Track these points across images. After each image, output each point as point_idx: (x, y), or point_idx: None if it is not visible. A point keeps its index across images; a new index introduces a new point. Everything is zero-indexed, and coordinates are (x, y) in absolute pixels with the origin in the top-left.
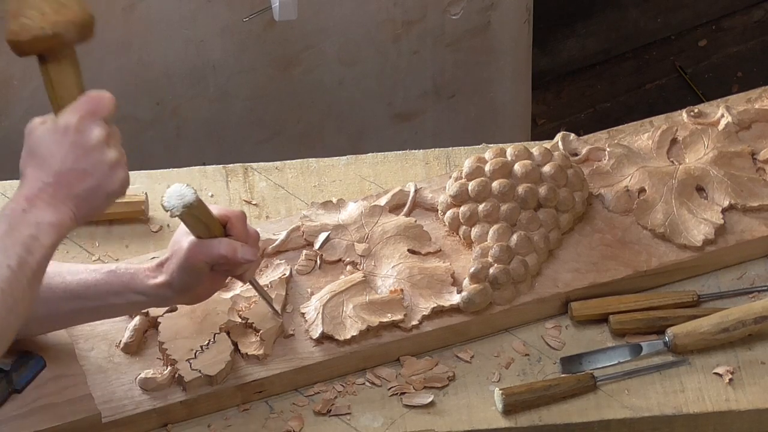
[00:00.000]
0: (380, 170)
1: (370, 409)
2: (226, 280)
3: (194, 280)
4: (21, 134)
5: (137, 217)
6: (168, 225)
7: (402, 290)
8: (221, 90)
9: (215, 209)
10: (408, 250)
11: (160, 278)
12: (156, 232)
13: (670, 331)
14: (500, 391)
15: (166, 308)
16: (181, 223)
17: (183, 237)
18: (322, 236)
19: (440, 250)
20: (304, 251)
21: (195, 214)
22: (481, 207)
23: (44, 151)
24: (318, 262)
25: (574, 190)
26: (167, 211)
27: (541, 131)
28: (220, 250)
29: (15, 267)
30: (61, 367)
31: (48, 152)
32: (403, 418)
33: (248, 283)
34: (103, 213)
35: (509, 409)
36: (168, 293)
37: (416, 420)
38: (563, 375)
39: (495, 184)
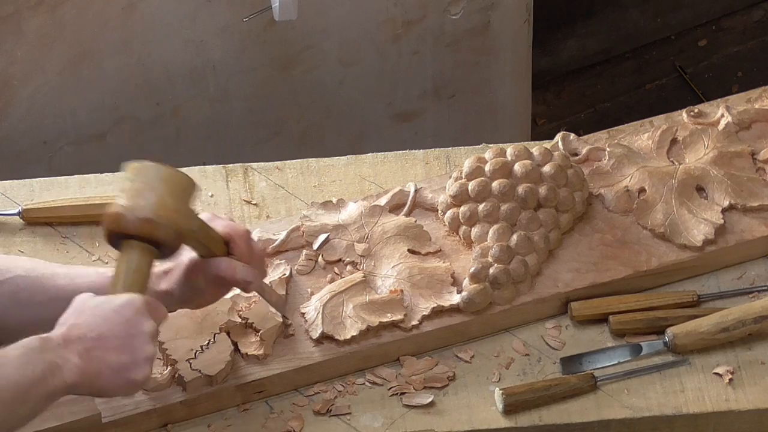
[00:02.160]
0: (380, 170)
1: (370, 409)
2: (230, 291)
3: (194, 294)
4: (21, 134)
5: None
6: None
7: (402, 290)
8: (221, 90)
9: (220, 225)
10: (408, 250)
11: (163, 286)
12: None
13: (669, 331)
14: (500, 391)
15: None
16: None
17: (185, 250)
18: (321, 237)
19: (440, 250)
20: (304, 251)
21: (194, 237)
22: (481, 207)
23: (94, 315)
24: (319, 261)
25: (574, 190)
26: None
27: (541, 131)
28: (218, 271)
29: (37, 377)
30: None
31: (99, 318)
32: (403, 418)
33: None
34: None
35: (510, 409)
36: (170, 300)
37: (416, 420)
38: (563, 375)
39: (495, 184)
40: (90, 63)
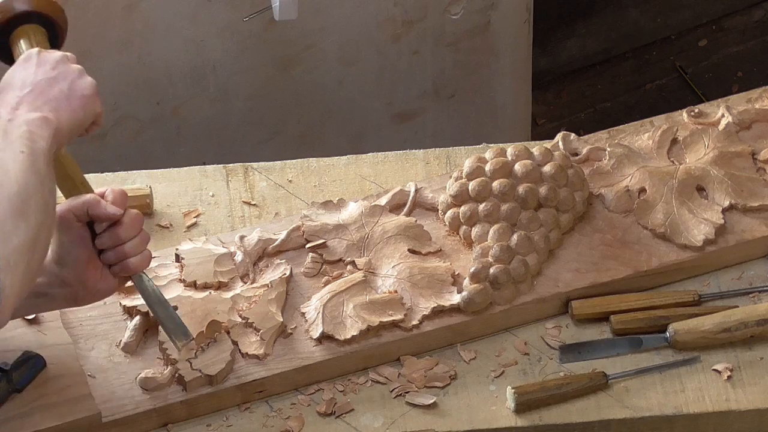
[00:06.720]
0: (380, 170)
1: (371, 409)
2: (119, 275)
3: (72, 247)
4: None
5: (142, 211)
6: (170, 224)
7: (396, 291)
8: (221, 90)
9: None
10: (408, 250)
11: (48, 256)
12: (162, 226)
13: (671, 326)
14: (512, 390)
15: None
16: None
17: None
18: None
19: (440, 249)
20: (311, 254)
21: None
22: (481, 207)
23: (14, 77)
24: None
25: (574, 189)
26: None
27: (541, 131)
28: (84, 200)
29: (27, 152)
30: (61, 367)
31: (18, 76)
32: (403, 417)
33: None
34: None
35: (521, 408)
36: (55, 270)
37: (417, 420)
38: (574, 374)
39: (495, 184)
40: (90, 63)
